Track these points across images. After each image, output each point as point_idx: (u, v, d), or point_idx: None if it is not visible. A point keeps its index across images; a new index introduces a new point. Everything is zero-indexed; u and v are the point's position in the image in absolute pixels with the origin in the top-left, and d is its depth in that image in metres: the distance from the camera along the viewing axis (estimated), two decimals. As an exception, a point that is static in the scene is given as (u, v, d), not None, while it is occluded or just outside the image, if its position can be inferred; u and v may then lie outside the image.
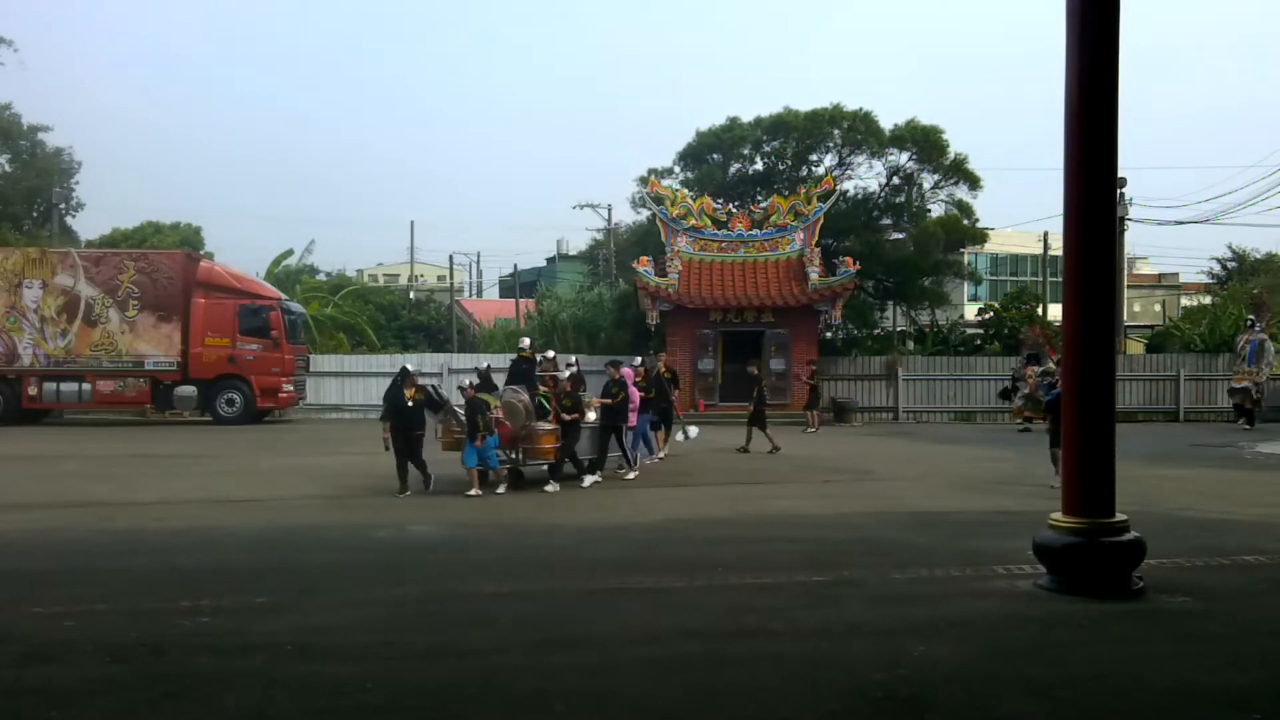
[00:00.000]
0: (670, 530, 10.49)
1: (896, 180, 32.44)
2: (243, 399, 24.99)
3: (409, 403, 12.92)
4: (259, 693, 5.09)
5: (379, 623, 6.52)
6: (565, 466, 13.71)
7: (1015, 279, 53.88)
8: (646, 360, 18.87)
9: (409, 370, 13.36)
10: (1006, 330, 31.28)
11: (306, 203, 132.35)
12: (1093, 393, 7.44)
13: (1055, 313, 25.06)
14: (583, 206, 59.63)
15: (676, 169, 33.18)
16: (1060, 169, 7.46)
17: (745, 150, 32.78)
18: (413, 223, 69.26)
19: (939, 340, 32.69)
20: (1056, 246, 23.84)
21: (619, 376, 14.72)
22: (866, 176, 32.71)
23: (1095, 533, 7.18)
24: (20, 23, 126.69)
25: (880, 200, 32.68)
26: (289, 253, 40.26)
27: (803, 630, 6.34)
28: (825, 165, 32.51)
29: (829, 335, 29.75)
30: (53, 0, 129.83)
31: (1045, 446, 13.40)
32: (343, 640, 6.11)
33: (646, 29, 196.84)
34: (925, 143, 31.28)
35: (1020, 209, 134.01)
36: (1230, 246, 50.42)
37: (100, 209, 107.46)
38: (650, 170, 32.85)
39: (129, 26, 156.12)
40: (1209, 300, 41.84)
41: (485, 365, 16.54)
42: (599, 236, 48.53)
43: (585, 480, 13.63)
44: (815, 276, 27.04)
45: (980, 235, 33.79)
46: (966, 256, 40.86)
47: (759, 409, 18.93)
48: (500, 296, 62.86)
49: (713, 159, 32.78)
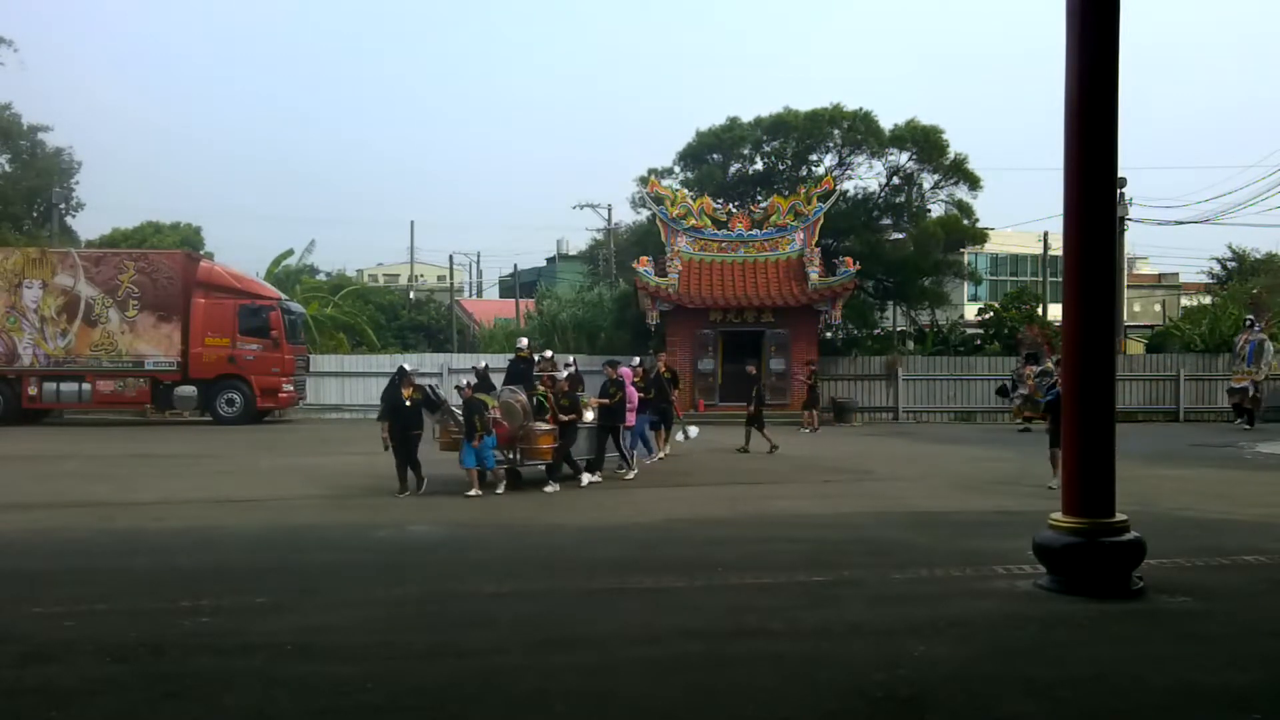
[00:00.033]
0: (670, 530, 10.49)
1: (896, 180, 32.45)
2: (243, 399, 24.99)
3: (406, 402, 12.91)
4: (259, 693, 5.09)
5: (379, 623, 6.52)
6: (564, 467, 13.71)
7: (1015, 279, 53.87)
8: (645, 360, 18.87)
9: (406, 370, 13.36)
10: (1006, 330, 31.27)
11: (306, 203, 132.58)
12: (1093, 393, 7.44)
13: (1055, 313, 25.06)
14: (583, 206, 59.73)
15: (676, 169, 33.20)
16: (1060, 169, 7.46)
17: (745, 150, 32.77)
18: (413, 223, 69.44)
19: (939, 340, 32.69)
20: (1056, 246, 23.84)
21: (616, 376, 14.72)
22: (866, 176, 32.80)
23: (1095, 533, 7.18)
24: (20, 23, 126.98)
25: (880, 200, 32.68)
26: (289, 253, 40.31)
27: (803, 630, 6.34)
28: (825, 165, 32.53)
29: (829, 335, 29.75)
30: (53, 0, 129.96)
31: (1045, 446, 13.40)
32: (343, 640, 6.11)
33: (646, 29, 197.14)
34: (925, 143, 31.29)
35: (1020, 209, 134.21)
36: (1230, 246, 50.53)
37: (100, 209, 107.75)
38: (650, 170, 32.88)
39: (129, 26, 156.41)
40: (1209, 300, 41.83)
41: (483, 365, 16.55)
42: (599, 236, 48.58)
43: (582, 479, 13.63)
44: (815, 276, 27.04)
45: (980, 235, 33.80)
46: (966, 256, 40.86)
47: (757, 409, 18.96)
48: (500, 296, 62.87)
49: (713, 159, 32.78)
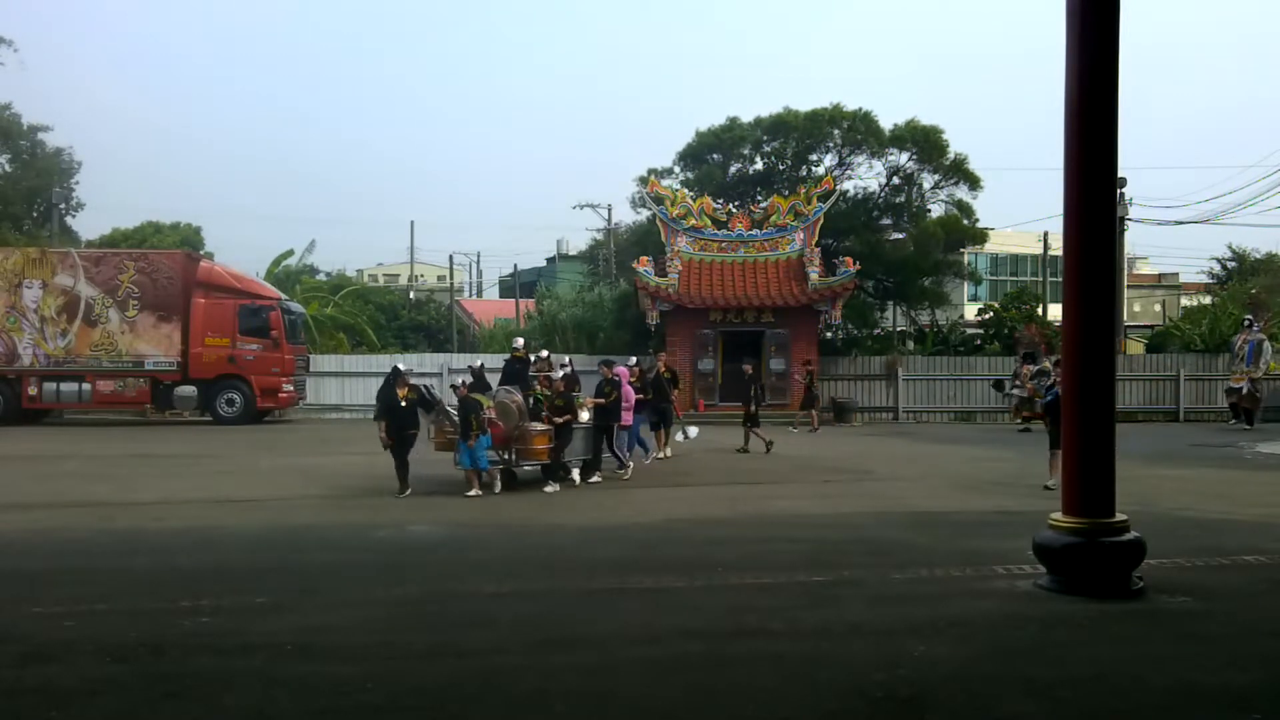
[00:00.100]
0: (670, 530, 10.50)
1: (896, 180, 32.44)
2: (243, 399, 24.98)
3: (401, 402, 12.91)
4: (259, 693, 5.09)
5: (379, 623, 6.52)
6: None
7: (1015, 279, 53.87)
8: (642, 360, 18.86)
9: (401, 370, 13.34)
10: (1006, 330, 31.28)
11: (306, 203, 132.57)
12: (1093, 393, 7.44)
13: (1055, 313, 25.05)
14: (583, 206, 59.68)
15: (676, 169, 33.19)
16: (1060, 169, 7.47)
17: (745, 150, 32.76)
18: (413, 223, 69.41)
19: (939, 340, 32.69)
20: (1056, 246, 23.83)
21: (612, 376, 14.71)
22: (866, 176, 32.78)
23: (1095, 533, 7.18)
24: (20, 23, 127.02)
25: (880, 200, 32.68)
26: (289, 253, 40.31)
27: (803, 630, 6.34)
28: (825, 165, 32.51)
29: (829, 335, 29.75)
30: (53, 0, 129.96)
31: (1045, 446, 13.39)
32: (343, 640, 6.12)
33: (646, 29, 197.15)
34: (925, 143, 31.28)
35: (1020, 209, 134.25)
36: (1230, 246, 50.56)
37: (100, 209, 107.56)
38: (650, 170, 32.87)
39: (129, 26, 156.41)
40: (1209, 300, 41.83)
41: (479, 364, 16.48)
42: (599, 236, 48.56)
43: (574, 477, 13.58)
44: (815, 276, 27.04)
45: (980, 235, 33.80)
46: (966, 256, 40.85)
47: (754, 408, 18.98)
48: (500, 296, 62.89)
49: (713, 159, 32.77)
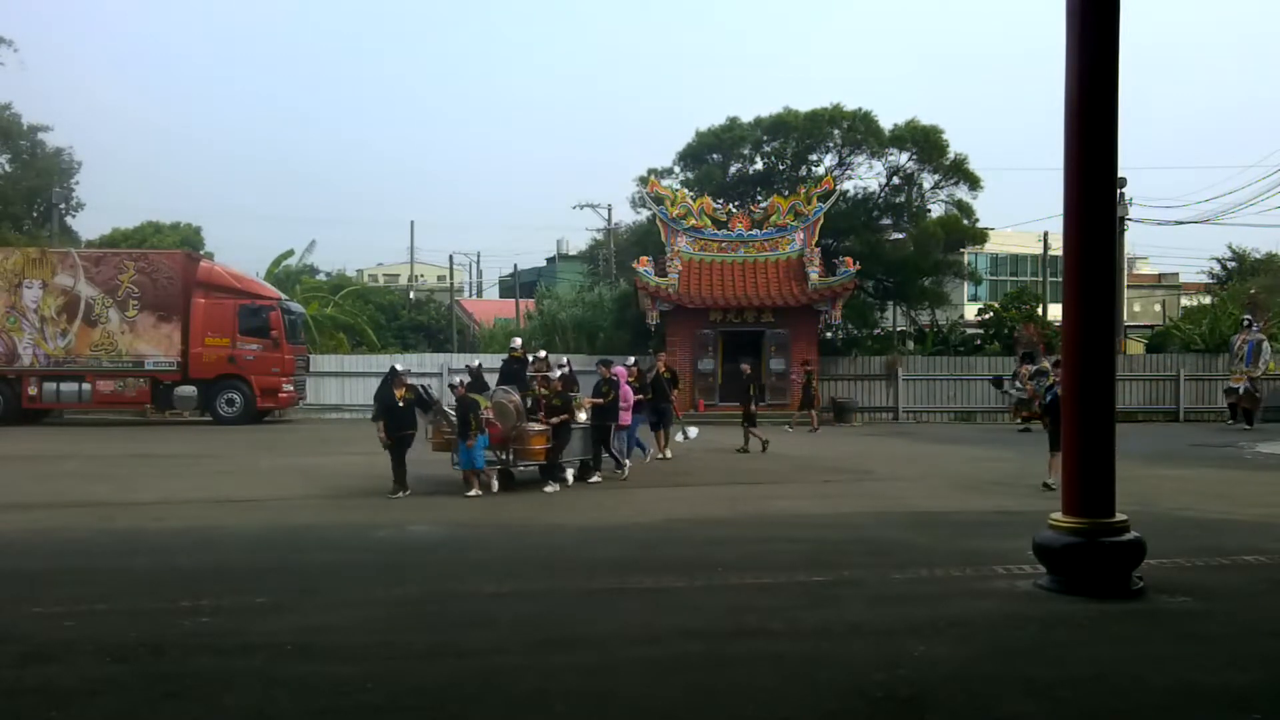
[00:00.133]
0: (670, 530, 10.50)
1: (896, 180, 32.46)
2: (243, 399, 24.98)
3: (399, 403, 12.91)
4: (259, 693, 5.09)
5: (379, 623, 6.52)
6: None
7: (1015, 279, 53.87)
8: (640, 360, 18.88)
9: (398, 370, 13.33)
10: (1006, 330, 31.30)
11: (306, 203, 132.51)
12: (1093, 393, 7.45)
13: (1055, 313, 25.04)
14: (583, 206, 59.68)
15: (676, 169, 33.21)
16: (1060, 169, 7.47)
17: (745, 150, 32.78)
18: (413, 223, 69.33)
19: (939, 340, 32.70)
20: (1056, 246, 23.83)
21: (610, 375, 14.69)
22: (866, 176, 32.81)
23: (1095, 533, 7.18)
24: (20, 23, 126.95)
25: (880, 200, 32.69)
26: (289, 253, 40.29)
27: (803, 630, 6.34)
28: (825, 165, 32.54)
29: (829, 335, 29.76)
30: (53, 0, 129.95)
31: (1045, 447, 13.39)
32: (343, 640, 6.12)
33: (646, 29, 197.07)
34: (925, 143, 31.29)
35: (1020, 209, 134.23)
36: (1230, 246, 50.55)
37: (100, 209, 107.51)
38: (650, 170, 32.90)
39: (129, 26, 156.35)
40: (1209, 300, 41.84)
41: (477, 364, 16.46)
42: (599, 236, 48.57)
43: (569, 478, 13.55)
44: (815, 276, 27.05)
45: (980, 235, 33.81)
46: (966, 256, 40.86)
47: (750, 408, 19.01)
48: (500, 296, 62.88)
49: (713, 159, 32.78)
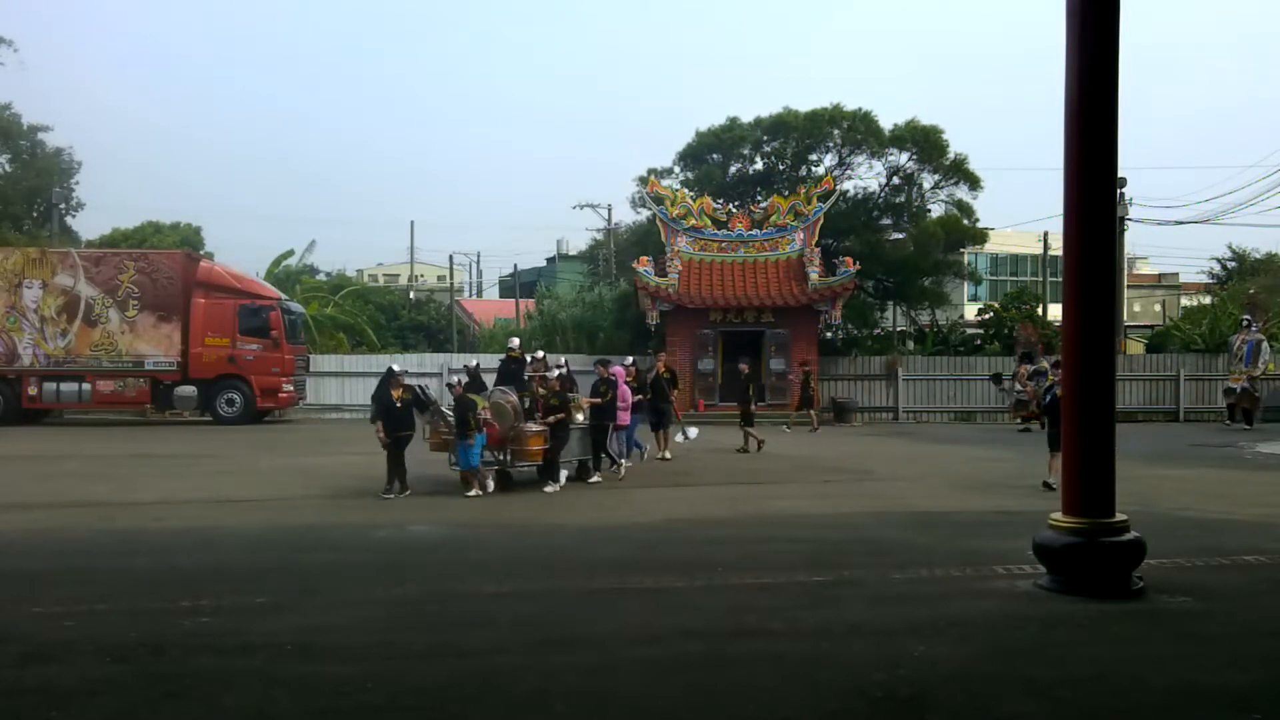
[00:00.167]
0: (670, 530, 10.50)
1: (896, 180, 32.45)
2: (243, 399, 24.98)
3: (396, 403, 12.90)
4: (259, 693, 5.09)
5: (379, 623, 6.52)
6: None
7: (1015, 279, 53.87)
8: (638, 360, 18.88)
9: (395, 370, 13.31)
10: (1006, 330, 31.33)
11: (306, 203, 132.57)
12: (1093, 393, 7.45)
13: (1055, 313, 25.06)
14: (583, 206, 59.67)
15: (676, 169, 33.21)
16: (1060, 169, 7.47)
17: (745, 150, 32.77)
18: (413, 223, 69.33)
19: (939, 340, 32.69)
20: (1056, 246, 23.83)
21: (608, 375, 14.66)
22: (866, 176, 32.81)
23: (1095, 533, 7.19)
24: (20, 23, 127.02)
25: (880, 200, 32.68)
26: (289, 253, 40.28)
27: (803, 630, 6.35)
28: (825, 165, 32.54)
29: (829, 335, 29.74)
30: (53, 0, 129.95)
31: (1045, 446, 13.39)
32: (343, 640, 6.12)
33: (646, 29, 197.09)
34: (925, 143, 31.29)
35: (1020, 209, 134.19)
36: (1230, 246, 50.53)
37: (100, 209, 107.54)
38: (650, 170, 32.89)
39: (129, 26, 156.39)
40: (1209, 300, 41.84)
41: (475, 364, 16.44)
42: (599, 236, 48.56)
43: (561, 480, 13.46)
44: (815, 276, 27.04)
45: (980, 235, 33.81)
46: (966, 256, 40.86)
47: (748, 408, 19.02)
48: (500, 296, 62.88)
49: (713, 159, 32.78)
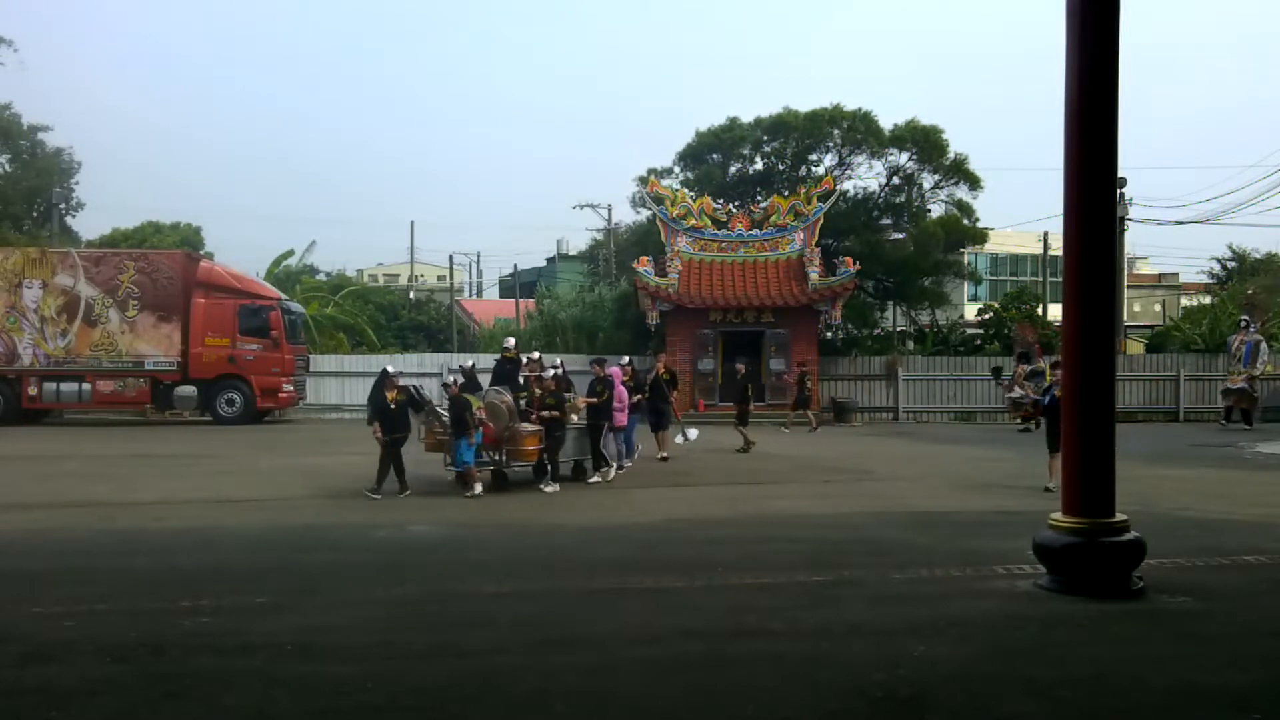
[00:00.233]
0: (670, 530, 10.50)
1: (896, 180, 32.45)
2: (243, 399, 24.97)
3: (391, 404, 12.89)
4: (259, 693, 5.09)
5: (379, 623, 6.52)
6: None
7: (1015, 279, 53.86)
8: (634, 360, 18.87)
9: (389, 372, 13.30)
10: (1006, 330, 31.33)
11: (306, 203, 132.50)
12: (1093, 393, 7.45)
13: (1055, 313, 25.08)
14: (583, 206, 59.73)
15: (676, 169, 33.20)
16: (1060, 169, 7.47)
17: (745, 150, 32.77)
18: (413, 223, 69.42)
19: (939, 340, 32.70)
20: (1056, 246, 23.84)
21: (604, 375, 14.65)
22: (866, 176, 32.80)
23: (1095, 533, 7.19)
24: (20, 23, 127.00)
25: (880, 200, 32.68)
26: (289, 253, 40.27)
27: (803, 630, 6.35)
28: (825, 165, 32.53)
29: (829, 335, 29.72)
30: (53, 0, 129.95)
31: (1045, 446, 13.39)
32: (343, 640, 6.12)
33: (646, 29, 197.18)
34: (925, 143, 31.29)
35: (1020, 209, 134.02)
36: (1230, 246, 50.47)
37: (100, 209, 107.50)
38: (650, 170, 32.89)
39: (129, 26, 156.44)
40: (1209, 300, 41.84)
41: (470, 364, 16.42)
42: (599, 236, 48.54)
43: (555, 482, 13.37)
44: (815, 276, 27.04)
45: (980, 235, 33.81)
46: (966, 256, 40.84)
47: (745, 408, 19.03)
48: (500, 296, 62.87)
49: (713, 159, 32.78)
